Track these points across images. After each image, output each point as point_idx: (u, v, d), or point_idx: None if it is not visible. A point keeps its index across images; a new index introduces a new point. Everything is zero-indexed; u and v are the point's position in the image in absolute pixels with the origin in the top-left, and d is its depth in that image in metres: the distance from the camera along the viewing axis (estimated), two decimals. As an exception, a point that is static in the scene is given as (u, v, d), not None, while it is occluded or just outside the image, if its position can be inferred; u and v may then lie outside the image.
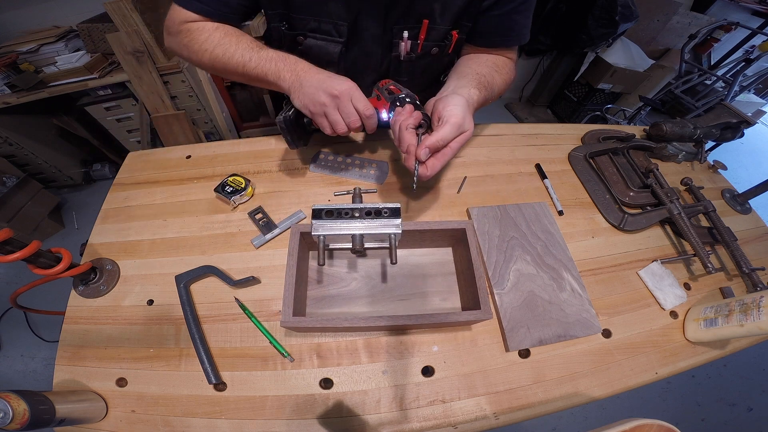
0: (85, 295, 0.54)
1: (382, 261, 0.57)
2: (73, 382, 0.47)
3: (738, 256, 0.60)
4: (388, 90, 0.54)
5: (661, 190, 0.67)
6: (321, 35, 0.59)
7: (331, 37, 0.59)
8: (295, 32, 0.60)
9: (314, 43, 0.60)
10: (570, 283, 0.56)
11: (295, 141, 0.59)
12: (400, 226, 0.47)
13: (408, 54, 0.62)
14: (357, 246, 0.46)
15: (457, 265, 0.56)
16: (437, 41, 0.62)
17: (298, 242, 0.49)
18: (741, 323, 0.47)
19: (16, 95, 1.41)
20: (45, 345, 1.43)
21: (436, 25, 0.59)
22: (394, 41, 0.60)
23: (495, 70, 0.62)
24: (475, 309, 0.46)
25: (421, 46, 0.61)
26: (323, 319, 0.49)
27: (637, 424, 0.27)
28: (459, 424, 0.45)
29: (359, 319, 0.45)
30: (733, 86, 1.71)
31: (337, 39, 0.59)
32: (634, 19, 1.94)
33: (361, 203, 0.52)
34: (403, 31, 0.59)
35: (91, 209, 1.85)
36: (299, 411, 0.45)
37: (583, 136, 0.82)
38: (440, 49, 0.63)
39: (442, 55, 0.65)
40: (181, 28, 0.57)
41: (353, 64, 0.65)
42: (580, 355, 0.51)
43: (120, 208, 0.65)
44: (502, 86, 0.64)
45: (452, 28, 0.60)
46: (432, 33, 0.60)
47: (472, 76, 0.57)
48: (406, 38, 0.59)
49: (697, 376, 1.48)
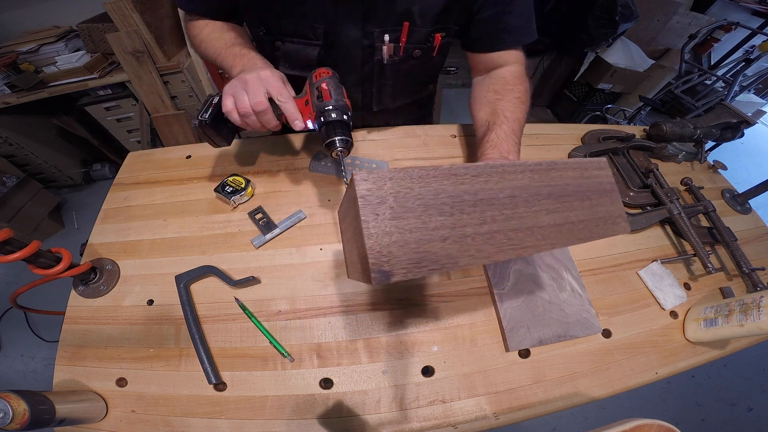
0: (85, 295, 0.54)
1: None
2: (73, 382, 0.47)
3: (738, 256, 0.60)
4: (319, 90, 0.49)
5: (661, 190, 0.67)
6: (298, 39, 0.59)
7: (308, 40, 0.59)
8: (273, 37, 0.60)
9: (291, 47, 0.60)
10: (570, 283, 0.56)
11: (217, 141, 0.56)
12: None
13: (391, 57, 0.61)
14: None
15: None
16: (419, 44, 0.61)
17: None
18: (741, 323, 0.47)
19: (16, 95, 1.41)
20: (45, 345, 1.43)
21: (417, 28, 0.57)
22: (376, 45, 0.60)
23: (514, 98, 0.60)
24: None
25: (403, 49, 0.60)
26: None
27: (637, 424, 0.27)
28: (459, 424, 0.45)
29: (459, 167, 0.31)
30: (733, 86, 1.71)
31: (314, 42, 0.59)
32: (634, 19, 1.94)
33: None
34: (384, 35, 0.58)
35: (91, 209, 1.85)
36: (299, 411, 0.45)
37: (583, 136, 0.82)
38: (423, 51, 0.62)
39: (427, 58, 0.64)
40: (186, 25, 0.65)
41: (334, 67, 0.63)
42: (580, 355, 0.51)
43: (120, 208, 0.65)
44: (527, 106, 0.62)
45: (434, 31, 0.59)
46: (413, 35, 0.59)
47: (502, 127, 0.55)
48: (388, 41, 0.58)
49: (697, 376, 1.48)
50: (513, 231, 0.31)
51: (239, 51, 0.56)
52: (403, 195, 0.29)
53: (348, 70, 0.64)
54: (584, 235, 0.35)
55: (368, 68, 0.64)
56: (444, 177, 0.30)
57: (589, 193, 0.36)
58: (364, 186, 0.28)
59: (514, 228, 0.32)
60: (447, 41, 0.63)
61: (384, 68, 0.64)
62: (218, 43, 0.59)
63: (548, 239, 0.33)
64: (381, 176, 0.28)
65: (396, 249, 0.27)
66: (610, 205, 0.37)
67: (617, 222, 0.37)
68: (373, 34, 0.58)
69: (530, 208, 0.33)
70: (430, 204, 0.29)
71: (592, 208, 0.36)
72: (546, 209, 0.33)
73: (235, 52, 0.56)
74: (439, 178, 0.30)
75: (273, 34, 0.59)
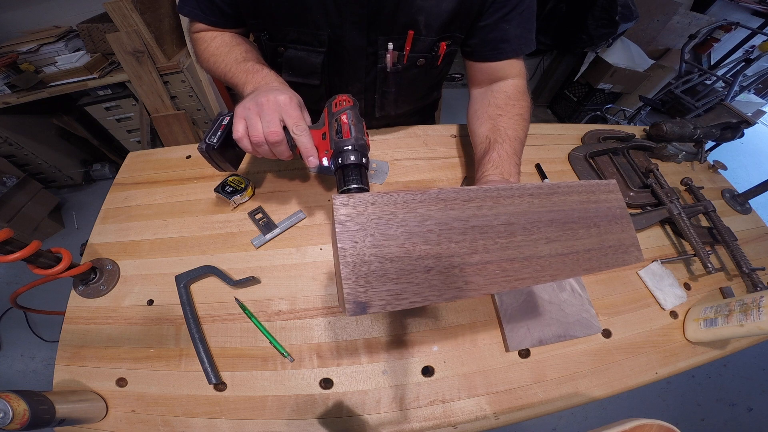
0: (85, 295, 0.54)
1: None
2: (73, 382, 0.47)
3: (738, 256, 0.60)
4: (338, 123, 0.45)
5: (661, 190, 0.67)
6: (302, 45, 0.58)
7: (311, 47, 0.58)
8: (276, 43, 0.59)
9: (294, 53, 0.59)
10: (570, 283, 0.56)
11: (222, 165, 0.52)
12: None
13: (394, 65, 0.60)
14: None
15: None
16: (423, 53, 0.60)
17: None
18: (741, 323, 0.47)
19: (16, 95, 1.41)
20: (45, 345, 1.43)
21: (422, 37, 0.56)
22: (380, 52, 0.59)
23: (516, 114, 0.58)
24: None
25: (407, 57, 0.59)
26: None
27: (637, 424, 0.27)
28: (459, 424, 0.45)
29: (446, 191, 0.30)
30: (733, 86, 1.71)
31: (318, 49, 0.58)
32: (634, 19, 1.94)
33: None
34: (388, 42, 0.57)
35: (91, 209, 1.85)
36: (299, 411, 0.45)
37: (583, 136, 0.82)
38: (427, 60, 0.61)
39: (430, 67, 0.64)
40: (192, 37, 0.62)
41: (338, 74, 0.63)
42: (580, 355, 0.51)
43: (120, 208, 0.65)
44: (528, 124, 0.60)
45: (439, 40, 0.58)
46: (418, 44, 0.58)
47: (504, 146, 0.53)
48: (391, 49, 0.57)
49: (697, 376, 1.48)
50: (508, 261, 0.29)
51: (252, 67, 0.52)
52: (385, 221, 0.27)
53: (351, 77, 0.64)
54: (591, 266, 0.32)
55: (371, 76, 0.64)
56: (431, 202, 0.28)
57: (597, 220, 0.34)
58: (343, 211, 0.26)
59: (510, 258, 0.30)
60: (452, 50, 0.62)
61: (387, 76, 0.63)
62: (228, 58, 0.55)
63: (548, 270, 0.31)
64: (362, 200, 0.27)
65: (375, 279, 0.26)
66: (621, 233, 0.34)
67: (629, 251, 0.34)
68: (377, 41, 0.57)
69: (529, 237, 0.31)
70: (414, 231, 0.28)
71: (600, 236, 0.33)
72: (546, 237, 0.31)
73: (248, 68, 0.52)
74: (426, 203, 0.28)
75: (276, 39, 0.58)
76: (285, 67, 0.61)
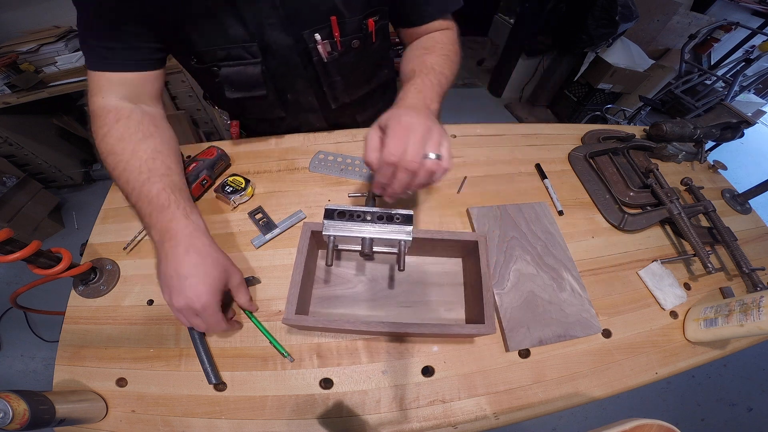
0: (85, 295, 0.54)
1: (391, 266, 0.56)
2: (73, 382, 0.47)
3: (738, 256, 0.60)
4: None
5: (661, 190, 0.67)
6: (234, 62, 0.56)
7: (245, 60, 0.57)
8: (206, 65, 0.57)
9: (230, 71, 0.57)
10: (570, 283, 0.56)
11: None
12: (410, 233, 0.46)
13: (330, 54, 0.59)
14: (366, 249, 0.46)
15: (465, 277, 0.55)
16: (354, 34, 0.58)
17: (308, 240, 0.48)
18: (741, 323, 0.47)
19: (16, 95, 1.41)
20: (45, 345, 1.43)
21: (347, 19, 0.55)
22: (310, 46, 0.57)
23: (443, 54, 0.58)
24: (479, 323, 0.45)
25: (340, 43, 0.58)
26: (326, 319, 0.49)
27: (637, 424, 0.27)
28: (459, 424, 0.45)
29: (361, 323, 0.45)
30: (733, 86, 1.71)
31: (252, 60, 0.56)
32: (634, 19, 1.94)
33: (374, 207, 0.49)
34: (314, 34, 0.56)
35: (91, 209, 1.85)
36: (299, 411, 0.45)
37: (583, 136, 0.82)
38: (361, 40, 0.60)
39: (366, 45, 0.62)
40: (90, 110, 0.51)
41: (281, 77, 0.62)
42: (580, 355, 0.51)
43: (120, 208, 0.64)
44: (456, 67, 0.59)
45: (365, 17, 0.57)
46: (345, 27, 0.56)
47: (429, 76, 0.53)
48: (320, 40, 0.56)
49: (697, 376, 1.48)
50: None
51: (155, 198, 0.46)
52: None
53: (293, 76, 0.63)
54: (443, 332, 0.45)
55: (311, 70, 0.63)
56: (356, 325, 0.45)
57: None
58: None
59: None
60: (383, 24, 0.61)
61: (327, 66, 0.62)
62: (130, 166, 0.47)
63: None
64: None
65: None
66: None
67: None
68: (303, 36, 0.56)
69: None
70: None
71: None
72: None
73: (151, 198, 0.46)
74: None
75: (206, 62, 0.56)
76: (226, 85, 0.59)
